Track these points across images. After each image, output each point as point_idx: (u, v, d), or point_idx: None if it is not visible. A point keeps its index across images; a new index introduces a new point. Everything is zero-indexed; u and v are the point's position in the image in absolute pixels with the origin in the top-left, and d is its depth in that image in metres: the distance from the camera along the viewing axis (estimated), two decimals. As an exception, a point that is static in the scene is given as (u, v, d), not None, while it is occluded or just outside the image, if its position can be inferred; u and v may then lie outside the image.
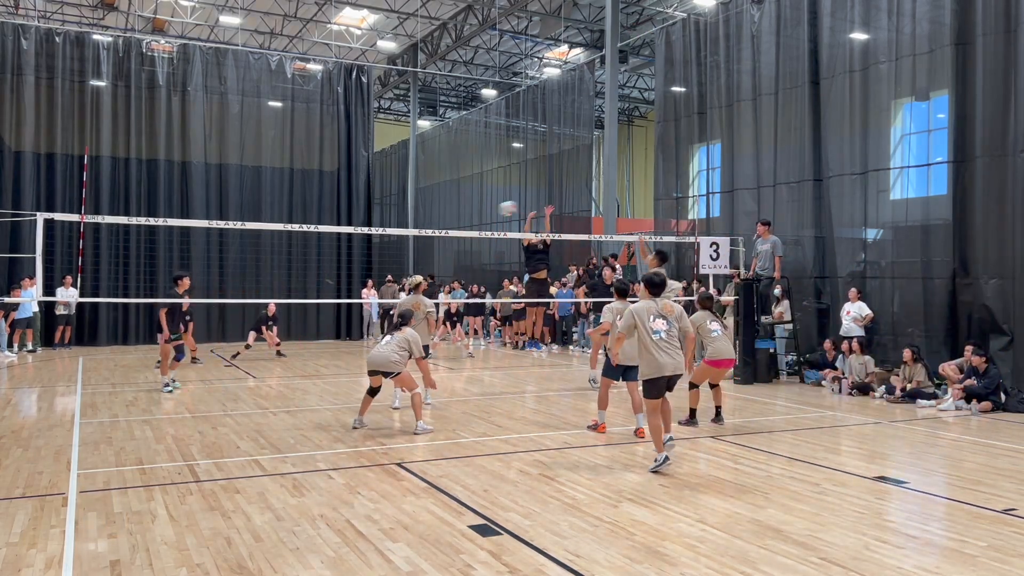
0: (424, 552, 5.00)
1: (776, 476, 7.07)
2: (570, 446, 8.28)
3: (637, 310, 7.39)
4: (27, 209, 17.75)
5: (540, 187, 26.21)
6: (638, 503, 6.15)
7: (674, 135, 19.01)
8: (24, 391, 12.04)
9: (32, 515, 5.69)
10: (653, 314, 7.33)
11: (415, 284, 11.09)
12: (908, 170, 13.94)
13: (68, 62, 19.40)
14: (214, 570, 4.67)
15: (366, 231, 18.89)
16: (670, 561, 4.90)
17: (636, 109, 40.04)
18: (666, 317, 7.35)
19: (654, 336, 7.24)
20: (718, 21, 17.52)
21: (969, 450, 8.47)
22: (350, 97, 22.62)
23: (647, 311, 7.35)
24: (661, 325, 7.29)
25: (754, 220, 15.44)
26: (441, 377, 14.44)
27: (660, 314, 7.34)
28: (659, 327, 7.27)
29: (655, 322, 7.28)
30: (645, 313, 7.34)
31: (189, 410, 10.32)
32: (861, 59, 14.20)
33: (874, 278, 14.07)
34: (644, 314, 7.33)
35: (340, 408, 10.51)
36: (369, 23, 30.07)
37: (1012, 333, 11.78)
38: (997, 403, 10.87)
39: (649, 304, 7.42)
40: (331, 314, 22.08)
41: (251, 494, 6.27)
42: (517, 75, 36.28)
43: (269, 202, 21.44)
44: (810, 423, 9.92)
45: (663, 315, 7.35)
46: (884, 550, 5.14)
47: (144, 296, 19.06)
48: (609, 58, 21.53)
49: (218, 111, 21.03)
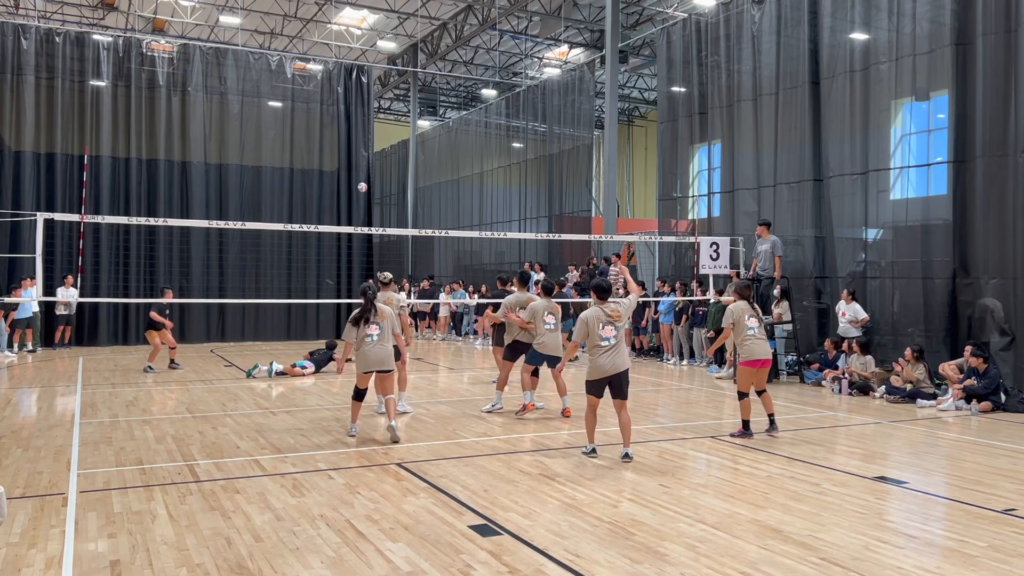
0: (424, 552, 5.00)
1: (776, 476, 7.07)
2: (570, 446, 8.28)
3: (587, 318, 7.73)
4: (27, 209, 17.74)
5: (540, 187, 26.22)
6: (638, 503, 6.15)
7: (674, 135, 19.02)
8: (24, 391, 12.04)
9: (32, 515, 5.69)
10: (603, 322, 7.66)
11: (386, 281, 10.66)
12: (908, 170, 13.95)
13: (68, 62, 19.39)
14: (214, 570, 4.67)
15: (366, 231, 18.88)
16: (670, 561, 4.90)
17: (636, 109, 40.04)
18: (614, 323, 7.68)
19: (603, 343, 7.62)
20: (718, 21, 17.53)
21: (969, 450, 8.46)
22: (350, 97, 22.61)
23: (596, 319, 7.68)
24: (610, 332, 7.65)
25: (754, 220, 15.45)
26: (442, 377, 14.44)
27: (609, 321, 7.67)
28: (608, 334, 7.65)
29: (604, 329, 7.65)
30: (595, 321, 7.67)
31: (189, 410, 10.32)
32: (861, 59, 14.21)
33: (874, 278, 14.07)
34: (594, 322, 7.67)
35: (340, 408, 10.51)
36: (369, 23, 30.07)
37: (1013, 333, 11.79)
38: (997, 403, 10.86)
39: (598, 312, 7.72)
40: (331, 314, 22.08)
41: (251, 494, 6.27)
42: (517, 75, 36.28)
43: (269, 202, 21.43)
44: (810, 423, 9.92)
45: (612, 322, 7.68)
46: (884, 550, 5.14)
47: (144, 296, 19.05)
48: (609, 58, 21.52)
49: (218, 111, 21.03)
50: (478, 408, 10.57)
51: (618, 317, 7.68)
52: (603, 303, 7.78)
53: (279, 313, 21.22)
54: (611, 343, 7.60)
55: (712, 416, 10.28)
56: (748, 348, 8.89)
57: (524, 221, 26.72)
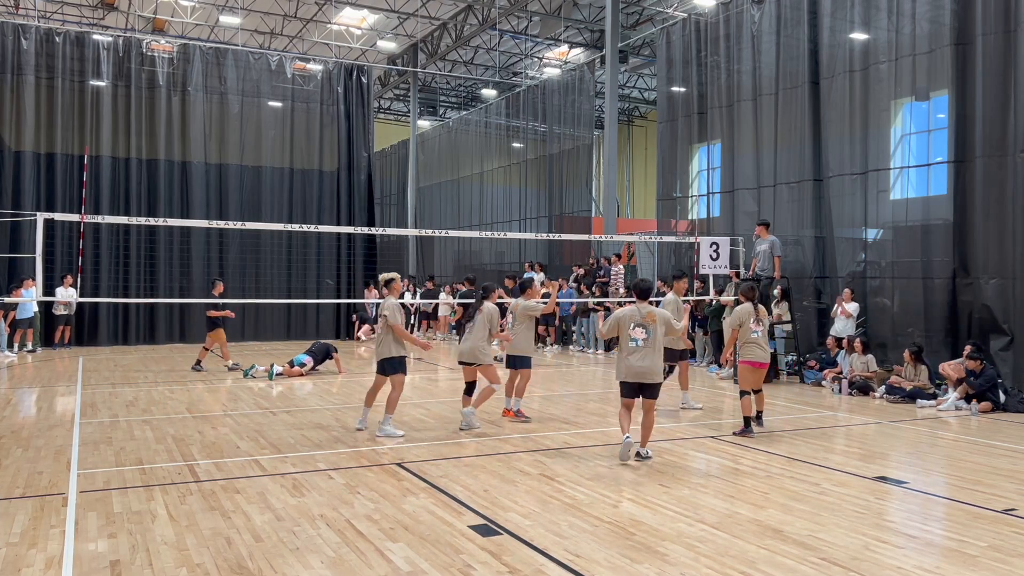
0: (424, 552, 5.00)
1: (776, 476, 7.07)
2: (570, 446, 8.28)
3: (620, 316, 7.77)
4: (27, 209, 17.74)
5: (540, 187, 26.22)
6: (638, 503, 6.15)
7: (674, 135, 19.02)
8: (24, 391, 12.04)
9: (32, 515, 5.69)
10: (635, 322, 7.65)
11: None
12: (908, 170, 13.96)
13: (68, 62, 19.39)
14: (214, 570, 4.67)
15: (365, 231, 18.87)
16: (670, 561, 4.90)
17: (636, 109, 40.04)
18: (646, 326, 7.62)
19: (631, 343, 7.62)
20: (718, 21, 17.53)
21: (969, 450, 8.47)
22: (350, 97, 22.60)
23: (629, 319, 7.68)
24: (639, 334, 7.62)
25: (754, 220, 15.45)
26: (442, 377, 14.44)
27: (641, 323, 7.63)
28: (637, 335, 7.62)
29: (634, 330, 7.64)
30: (627, 320, 7.68)
31: (189, 410, 10.32)
32: (861, 59, 14.21)
33: (874, 278, 14.07)
34: (626, 321, 7.69)
35: (340, 408, 10.51)
36: (369, 23, 30.07)
37: (1012, 333, 11.79)
38: (997, 403, 10.87)
39: (632, 312, 7.72)
40: (331, 314, 22.08)
41: (251, 494, 6.27)
42: (517, 75, 36.28)
43: (269, 202, 21.42)
44: (810, 423, 9.92)
45: (644, 324, 7.63)
46: (884, 550, 5.14)
47: (144, 296, 19.06)
48: (609, 58, 21.53)
49: (218, 111, 21.02)
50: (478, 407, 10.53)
51: (652, 320, 7.64)
52: (641, 303, 7.75)
53: (279, 313, 21.21)
54: (639, 345, 7.56)
55: (712, 416, 10.28)
56: (751, 350, 9.10)
57: (524, 221, 26.72)
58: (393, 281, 9.05)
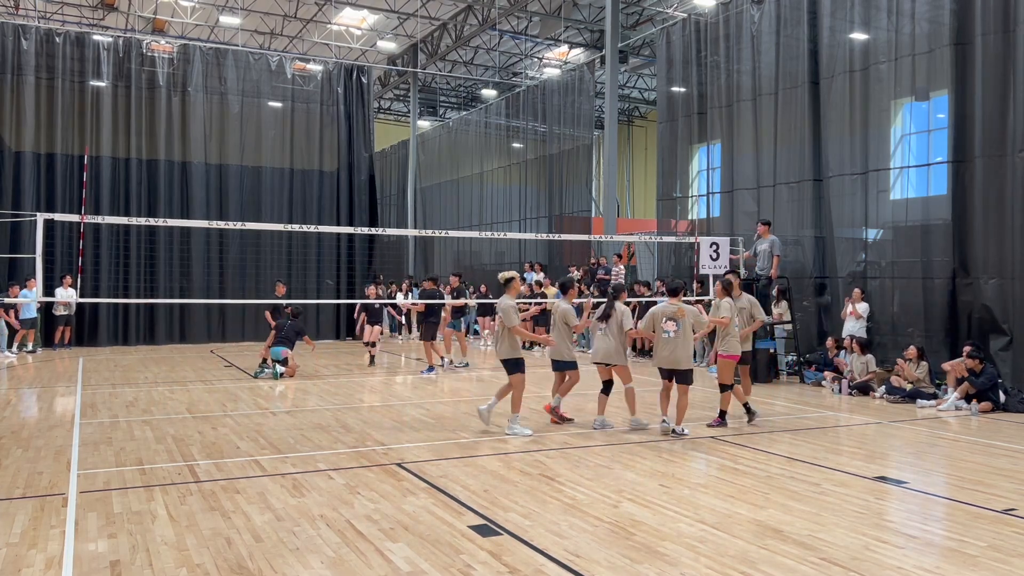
0: (424, 552, 5.01)
1: (776, 476, 7.07)
2: (570, 446, 8.28)
3: (654, 312, 8.96)
4: (27, 209, 17.75)
5: (540, 187, 26.22)
6: (638, 503, 6.15)
7: (674, 135, 19.01)
8: (24, 391, 12.05)
9: (32, 515, 5.69)
10: (667, 316, 8.82)
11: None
12: (908, 170, 13.95)
13: (68, 62, 19.40)
14: (214, 570, 4.67)
15: (364, 231, 18.87)
16: (670, 561, 4.90)
17: (636, 109, 40.04)
18: (676, 320, 8.76)
19: (664, 335, 8.84)
20: (718, 21, 17.53)
21: (969, 450, 8.47)
22: (350, 97, 22.62)
23: (662, 314, 8.87)
24: (671, 327, 8.80)
25: (754, 220, 15.45)
26: (442, 377, 14.43)
27: (672, 317, 8.78)
28: (668, 328, 8.81)
29: (666, 323, 8.82)
30: (660, 315, 8.87)
31: (189, 410, 10.32)
32: (861, 59, 14.21)
33: (874, 278, 14.07)
34: (659, 316, 8.88)
35: (340, 408, 10.51)
36: (369, 23, 30.08)
37: (1012, 333, 11.79)
38: (997, 403, 10.86)
39: (665, 307, 8.90)
40: (331, 314, 22.08)
41: (251, 494, 6.27)
42: (517, 75, 36.29)
43: (269, 202, 21.43)
44: (810, 423, 9.92)
45: (674, 318, 8.77)
46: (884, 550, 5.14)
47: (144, 296, 19.06)
48: (609, 58, 21.53)
49: (218, 111, 21.03)
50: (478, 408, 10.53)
51: (682, 315, 8.76)
52: (672, 300, 8.90)
53: (279, 314, 21.18)
54: (670, 336, 8.77)
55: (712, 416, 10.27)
56: (732, 343, 9.51)
57: (524, 221, 26.72)
58: (512, 280, 9.03)
